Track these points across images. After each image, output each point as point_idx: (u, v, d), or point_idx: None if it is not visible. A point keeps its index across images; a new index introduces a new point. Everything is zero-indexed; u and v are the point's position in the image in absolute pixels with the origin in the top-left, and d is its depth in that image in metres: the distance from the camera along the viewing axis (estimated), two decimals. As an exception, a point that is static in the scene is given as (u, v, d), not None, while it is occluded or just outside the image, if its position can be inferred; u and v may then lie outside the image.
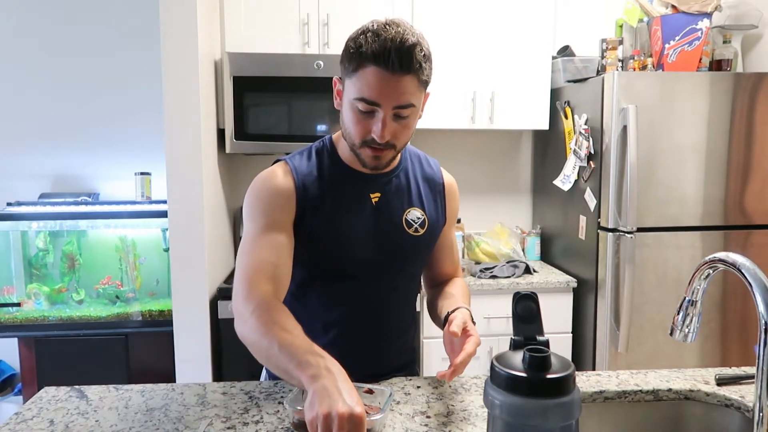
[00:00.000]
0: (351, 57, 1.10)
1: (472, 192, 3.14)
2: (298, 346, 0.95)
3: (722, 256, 0.97)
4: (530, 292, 0.96)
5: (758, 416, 0.94)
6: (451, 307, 1.21)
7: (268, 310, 1.05)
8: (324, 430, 0.81)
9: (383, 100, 1.09)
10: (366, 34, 1.08)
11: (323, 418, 0.81)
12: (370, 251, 1.24)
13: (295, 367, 0.92)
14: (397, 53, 1.06)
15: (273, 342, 0.97)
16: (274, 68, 2.55)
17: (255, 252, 1.15)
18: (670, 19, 2.54)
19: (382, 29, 1.08)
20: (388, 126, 1.11)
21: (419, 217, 1.28)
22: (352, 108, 1.13)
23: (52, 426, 1.09)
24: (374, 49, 1.06)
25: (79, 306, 2.70)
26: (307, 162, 1.25)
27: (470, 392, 1.26)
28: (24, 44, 2.98)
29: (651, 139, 2.38)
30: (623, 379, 1.32)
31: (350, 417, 0.81)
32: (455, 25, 2.73)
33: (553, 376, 0.74)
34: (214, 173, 2.56)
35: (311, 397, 0.85)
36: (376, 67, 1.07)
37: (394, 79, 1.08)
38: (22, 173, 3.03)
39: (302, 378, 0.90)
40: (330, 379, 0.87)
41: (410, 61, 1.07)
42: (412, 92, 1.10)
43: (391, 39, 1.06)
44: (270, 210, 1.19)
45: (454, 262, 1.43)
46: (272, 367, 1.00)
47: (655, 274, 2.44)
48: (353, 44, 1.10)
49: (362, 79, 1.09)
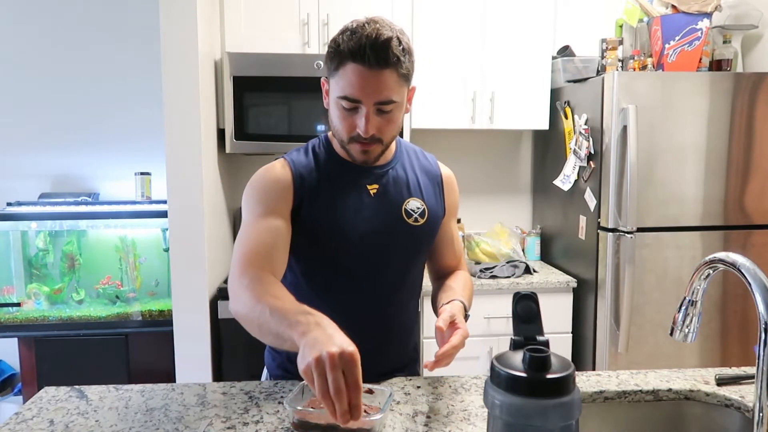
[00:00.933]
0: (332, 56, 1.14)
1: (472, 192, 3.14)
2: (288, 309, 0.96)
3: (722, 256, 0.97)
4: (530, 292, 0.96)
5: (758, 416, 0.94)
6: (446, 300, 1.22)
7: (261, 283, 1.06)
8: (319, 373, 0.81)
9: (364, 96, 1.12)
10: (344, 34, 1.13)
11: (315, 362, 0.81)
12: (369, 241, 1.24)
13: (287, 327, 0.92)
14: (372, 48, 1.09)
15: (264, 309, 0.98)
16: (274, 68, 2.55)
17: (251, 236, 1.17)
18: (670, 19, 2.54)
19: (359, 27, 1.12)
20: (371, 121, 1.14)
21: (419, 207, 1.29)
22: (337, 106, 1.16)
23: (52, 426, 1.09)
24: (350, 46, 1.10)
25: (79, 306, 2.70)
26: (304, 156, 1.28)
27: (470, 392, 1.26)
28: (24, 44, 2.98)
29: (651, 139, 2.38)
30: (623, 379, 1.32)
31: (341, 354, 0.81)
32: (455, 24, 2.73)
33: (553, 376, 0.74)
34: (214, 173, 2.57)
35: (301, 351, 0.85)
36: (354, 64, 1.10)
37: (372, 74, 1.10)
38: (22, 173, 3.03)
39: (294, 336, 0.90)
40: (319, 330, 0.87)
41: (386, 55, 1.10)
42: (392, 87, 1.13)
43: (366, 35, 1.10)
44: (267, 199, 1.21)
45: (456, 255, 1.43)
46: (265, 335, 1.00)
47: (655, 274, 2.44)
48: (333, 44, 1.15)
49: (343, 77, 1.12)
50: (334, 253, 1.25)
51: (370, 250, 1.25)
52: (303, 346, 0.86)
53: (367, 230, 1.24)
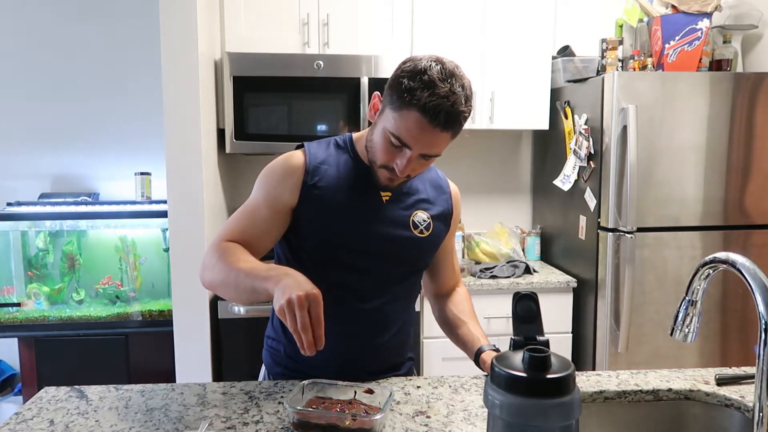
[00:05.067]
0: (401, 96, 1.11)
1: (472, 192, 3.14)
2: (260, 267, 1.11)
3: (722, 257, 0.97)
4: (530, 292, 0.96)
5: (758, 416, 0.94)
6: (474, 341, 1.31)
7: (234, 251, 1.17)
8: (289, 311, 0.97)
9: (416, 146, 1.14)
10: (422, 79, 1.09)
11: (287, 304, 0.97)
12: (374, 246, 1.26)
13: (261, 281, 1.06)
14: (446, 115, 1.09)
15: (239, 272, 1.11)
16: (274, 68, 2.55)
17: (241, 222, 1.25)
18: (670, 19, 2.54)
19: (437, 79, 1.09)
20: (411, 164, 1.16)
21: (425, 220, 1.31)
22: (384, 136, 1.16)
23: (52, 426, 1.09)
24: (426, 102, 1.08)
25: (79, 306, 2.70)
26: (325, 149, 1.30)
27: (470, 392, 1.26)
28: (24, 44, 2.98)
29: (651, 139, 2.38)
30: (623, 379, 1.32)
31: (307, 296, 0.98)
32: (455, 24, 2.73)
33: (553, 376, 0.74)
34: (214, 173, 2.57)
35: (276, 295, 1.01)
36: (422, 117, 1.10)
37: (434, 132, 1.12)
38: (22, 173, 3.03)
39: (267, 286, 1.05)
40: (288, 278, 1.03)
41: (454, 124, 1.12)
42: (442, 145, 1.16)
43: (445, 96, 1.09)
44: (273, 188, 1.25)
45: (455, 269, 1.47)
46: (241, 293, 1.14)
47: (655, 274, 2.44)
48: (406, 84, 1.10)
49: (404, 121, 1.12)
50: (336, 251, 1.25)
51: (373, 254, 1.26)
52: (276, 292, 1.01)
53: (373, 234, 1.25)
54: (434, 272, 1.44)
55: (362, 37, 2.66)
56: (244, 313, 2.42)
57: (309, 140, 1.34)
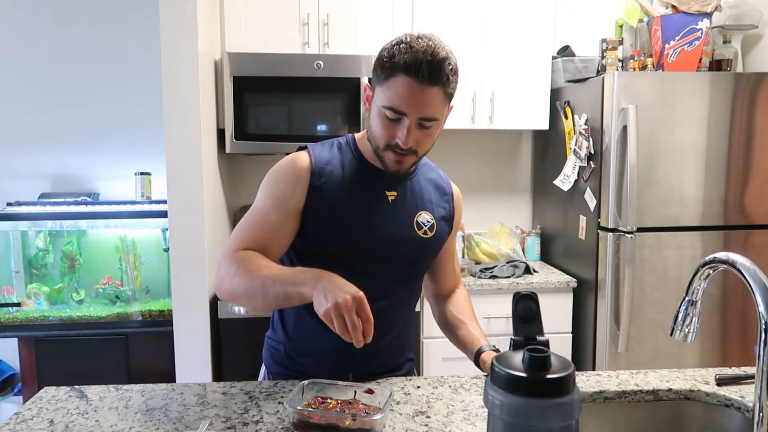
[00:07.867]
0: (383, 66, 1.15)
1: (472, 192, 3.13)
2: (289, 272, 1.14)
3: (722, 257, 0.97)
4: (530, 292, 0.96)
5: (758, 416, 0.94)
6: (474, 342, 1.32)
7: (253, 259, 1.17)
8: (337, 317, 0.99)
9: (410, 110, 1.14)
10: (399, 46, 1.14)
11: (334, 308, 0.99)
12: (377, 246, 1.26)
13: (295, 286, 1.08)
14: (428, 65, 1.12)
15: (266, 279, 1.12)
16: (274, 68, 2.55)
17: (251, 228, 1.23)
18: (670, 19, 2.54)
19: (414, 41, 1.13)
20: (412, 134, 1.16)
21: (429, 221, 1.31)
22: (380, 114, 1.18)
23: (52, 426, 1.09)
24: (406, 59, 1.12)
25: (79, 306, 2.69)
26: (329, 150, 1.30)
27: (470, 392, 1.26)
28: (24, 44, 2.98)
29: (651, 139, 2.38)
30: (623, 379, 1.32)
31: (354, 299, 1.00)
32: (455, 24, 2.73)
33: (553, 376, 0.74)
34: (214, 173, 2.56)
35: (316, 299, 1.03)
36: (406, 77, 1.12)
37: (422, 89, 1.13)
38: (22, 173, 3.03)
39: (304, 291, 1.06)
40: (325, 280, 1.05)
41: (439, 74, 1.13)
42: (437, 105, 1.16)
43: (423, 51, 1.12)
44: (280, 191, 1.24)
45: (455, 271, 1.48)
46: (270, 301, 1.14)
47: (655, 274, 2.44)
48: (387, 54, 1.15)
49: (392, 88, 1.14)
50: (341, 251, 1.25)
51: (376, 253, 1.26)
52: (317, 296, 1.03)
53: (378, 234, 1.25)
54: (435, 274, 1.45)
55: (362, 37, 2.66)
56: (244, 313, 2.42)
57: (309, 140, 1.34)
